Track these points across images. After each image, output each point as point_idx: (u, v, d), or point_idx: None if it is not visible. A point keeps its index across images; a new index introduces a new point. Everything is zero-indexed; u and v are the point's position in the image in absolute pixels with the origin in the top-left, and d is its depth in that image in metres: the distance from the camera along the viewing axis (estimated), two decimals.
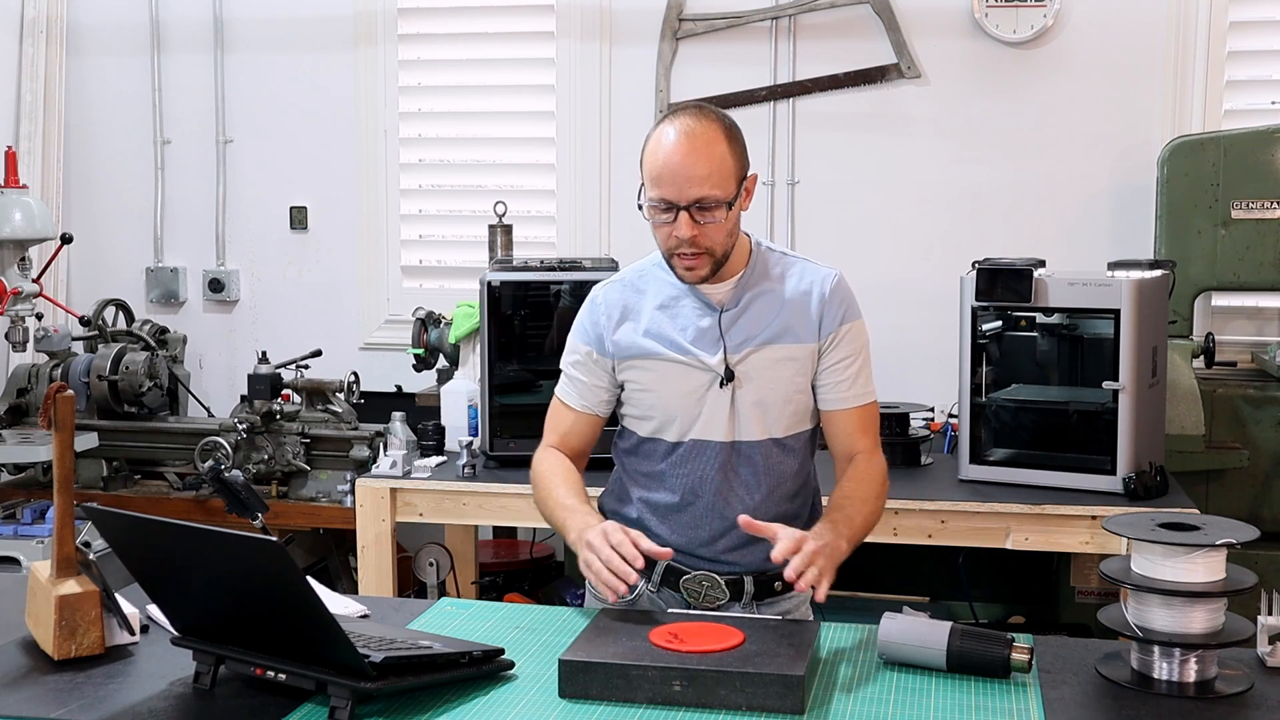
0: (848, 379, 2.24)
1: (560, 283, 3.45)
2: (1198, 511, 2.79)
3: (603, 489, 2.39)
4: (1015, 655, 1.87)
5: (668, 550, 2.08)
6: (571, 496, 2.22)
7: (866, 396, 2.27)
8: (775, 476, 2.25)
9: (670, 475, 2.25)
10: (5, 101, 4.66)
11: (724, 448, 2.22)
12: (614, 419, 2.37)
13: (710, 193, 2.11)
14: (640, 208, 2.18)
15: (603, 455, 2.40)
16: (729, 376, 2.20)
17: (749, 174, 2.18)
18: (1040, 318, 3.29)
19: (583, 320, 2.31)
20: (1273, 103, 4.10)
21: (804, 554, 1.99)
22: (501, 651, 1.94)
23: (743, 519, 2.09)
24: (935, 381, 3.88)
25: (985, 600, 3.99)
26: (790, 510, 2.27)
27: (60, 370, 4.09)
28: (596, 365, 2.28)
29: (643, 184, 2.17)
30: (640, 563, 2.02)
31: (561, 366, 2.34)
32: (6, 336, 3.98)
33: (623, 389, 2.29)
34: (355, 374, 3.96)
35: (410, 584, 4.00)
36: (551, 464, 2.30)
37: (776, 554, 2.01)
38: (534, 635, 2.09)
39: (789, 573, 1.99)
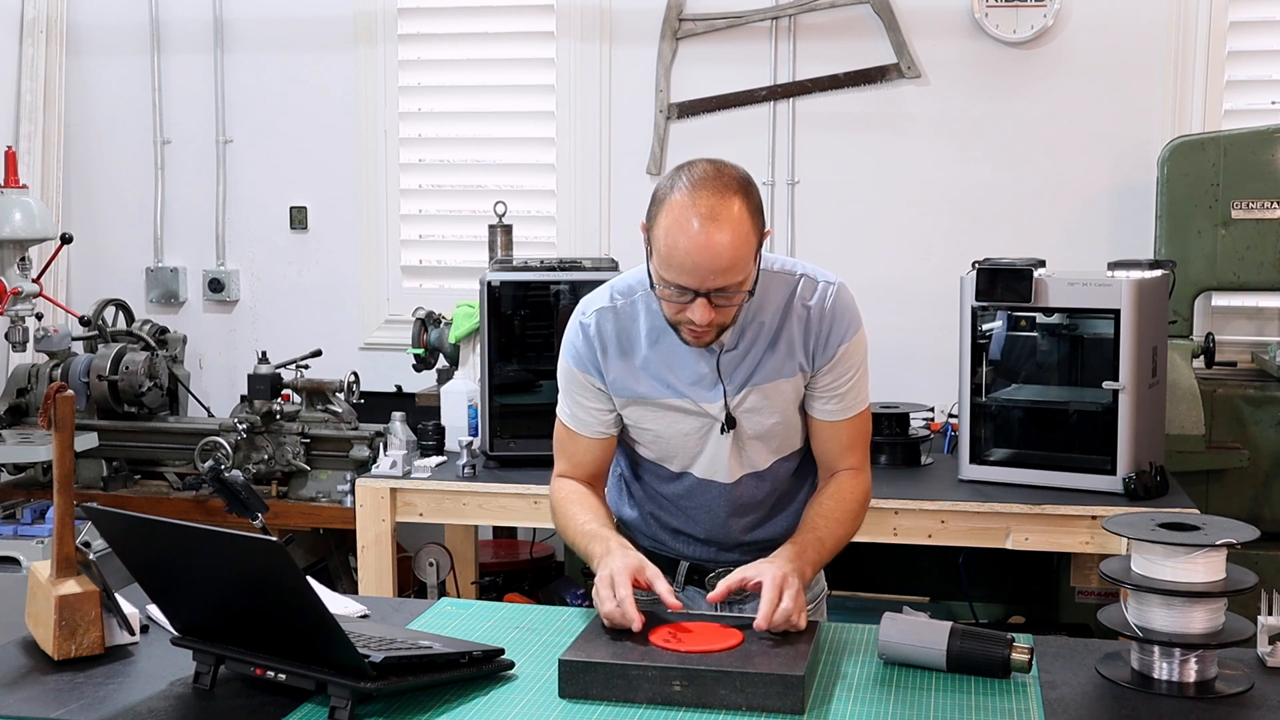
0: (840, 395, 2.16)
1: (560, 283, 3.45)
2: (1198, 511, 2.79)
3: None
4: (1015, 655, 1.87)
5: (676, 604, 1.99)
6: (592, 521, 2.14)
7: (858, 406, 2.19)
8: (784, 483, 2.24)
9: (680, 504, 2.23)
10: (5, 101, 4.66)
11: (730, 486, 2.19)
12: None
13: (732, 281, 1.96)
14: (651, 285, 2.03)
15: None
16: (730, 424, 2.13)
17: (764, 232, 2.01)
18: (1040, 318, 3.28)
19: (576, 345, 2.17)
20: (1273, 103, 4.10)
21: (782, 610, 1.92)
22: (501, 651, 1.94)
23: (711, 597, 2.00)
24: (935, 381, 3.88)
25: (985, 600, 3.99)
26: (793, 487, 2.25)
27: (60, 370, 4.09)
28: (599, 391, 2.18)
29: (648, 239, 2.01)
30: (637, 625, 1.90)
31: (560, 388, 2.23)
32: (6, 336, 3.98)
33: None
34: (355, 374, 3.96)
35: (410, 584, 4.00)
36: (567, 491, 2.22)
37: (759, 622, 1.91)
38: (534, 635, 2.09)
39: (760, 623, 1.91)
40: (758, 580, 1.98)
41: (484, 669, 1.89)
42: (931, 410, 3.74)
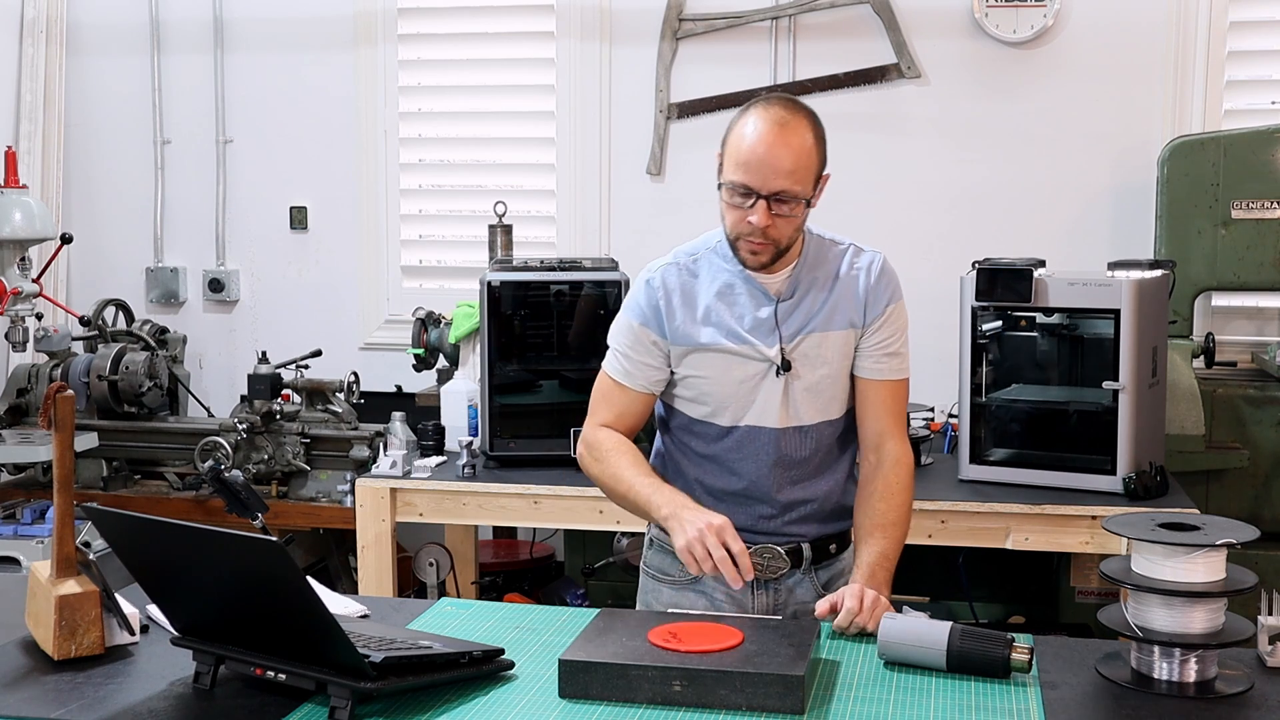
0: (891, 354, 2.30)
1: (560, 283, 3.45)
2: (1198, 511, 2.79)
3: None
4: (1015, 655, 1.88)
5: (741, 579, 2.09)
6: (646, 473, 2.25)
7: (901, 372, 2.32)
8: (826, 448, 2.31)
9: (726, 460, 2.29)
10: (5, 101, 4.66)
11: (778, 434, 2.26)
12: None
13: (792, 187, 2.15)
14: (719, 187, 2.20)
15: None
16: (785, 366, 2.24)
17: (825, 172, 2.22)
18: (1040, 318, 3.29)
19: (638, 300, 2.31)
20: (1273, 103, 4.10)
21: (847, 610, 2.09)
22: (501, 651, 1.94)
23: (819, 610, 2.12)
24: (935, 381, 3.87)
25: (985, 600, 3.98)
26: (834, 454, 2.33)
27: (60, 370, 4.09)
28: (654, 345, 2.29)
29: (721, 163, 2.20)
30: (739, 583, 2.07)
31: (611, 343, 2.34)
32: (6, 336, 3.98)
33: (673, 373, 2.30)
34: (355, 374, 3.96)
35: (410, 584, 4.00)
36: (614, 441, 2.30)
37: (820, 608, 2.11)
38: (534, 635, 2.09)
39: (821, 607, 2.11)
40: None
41: (484, 669, 1.89)
42: (931, 410, 3.73)
